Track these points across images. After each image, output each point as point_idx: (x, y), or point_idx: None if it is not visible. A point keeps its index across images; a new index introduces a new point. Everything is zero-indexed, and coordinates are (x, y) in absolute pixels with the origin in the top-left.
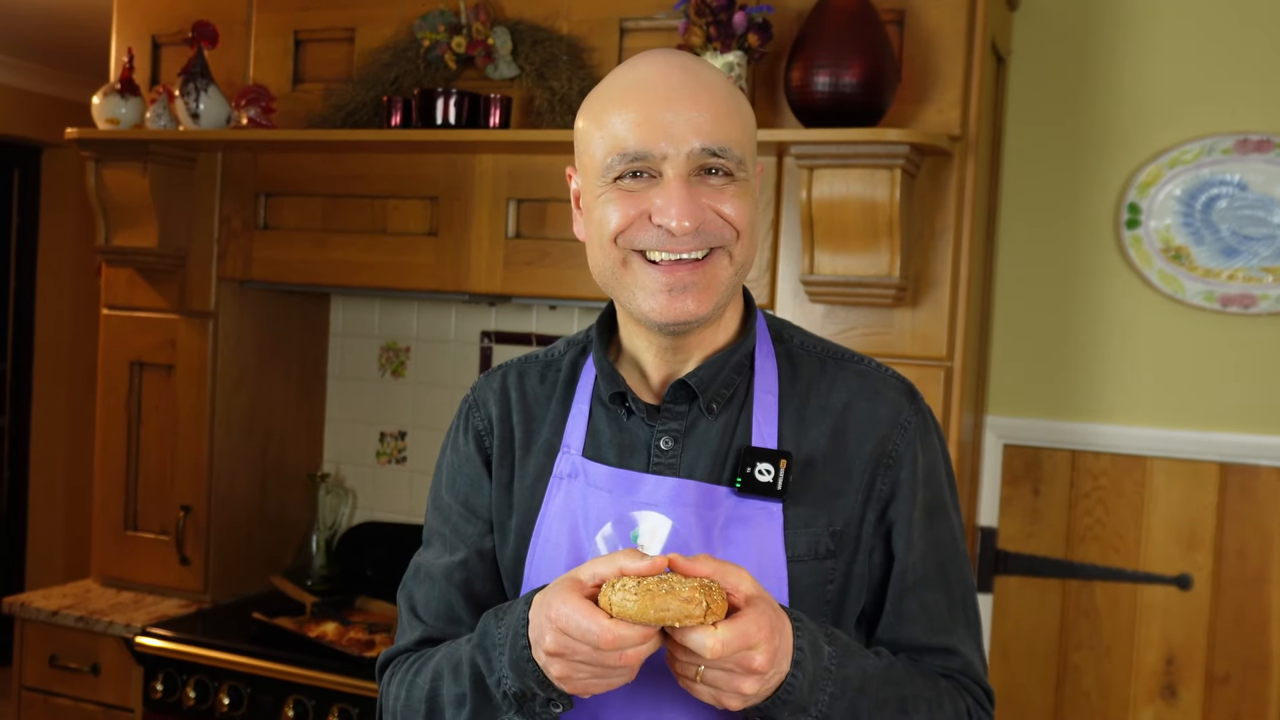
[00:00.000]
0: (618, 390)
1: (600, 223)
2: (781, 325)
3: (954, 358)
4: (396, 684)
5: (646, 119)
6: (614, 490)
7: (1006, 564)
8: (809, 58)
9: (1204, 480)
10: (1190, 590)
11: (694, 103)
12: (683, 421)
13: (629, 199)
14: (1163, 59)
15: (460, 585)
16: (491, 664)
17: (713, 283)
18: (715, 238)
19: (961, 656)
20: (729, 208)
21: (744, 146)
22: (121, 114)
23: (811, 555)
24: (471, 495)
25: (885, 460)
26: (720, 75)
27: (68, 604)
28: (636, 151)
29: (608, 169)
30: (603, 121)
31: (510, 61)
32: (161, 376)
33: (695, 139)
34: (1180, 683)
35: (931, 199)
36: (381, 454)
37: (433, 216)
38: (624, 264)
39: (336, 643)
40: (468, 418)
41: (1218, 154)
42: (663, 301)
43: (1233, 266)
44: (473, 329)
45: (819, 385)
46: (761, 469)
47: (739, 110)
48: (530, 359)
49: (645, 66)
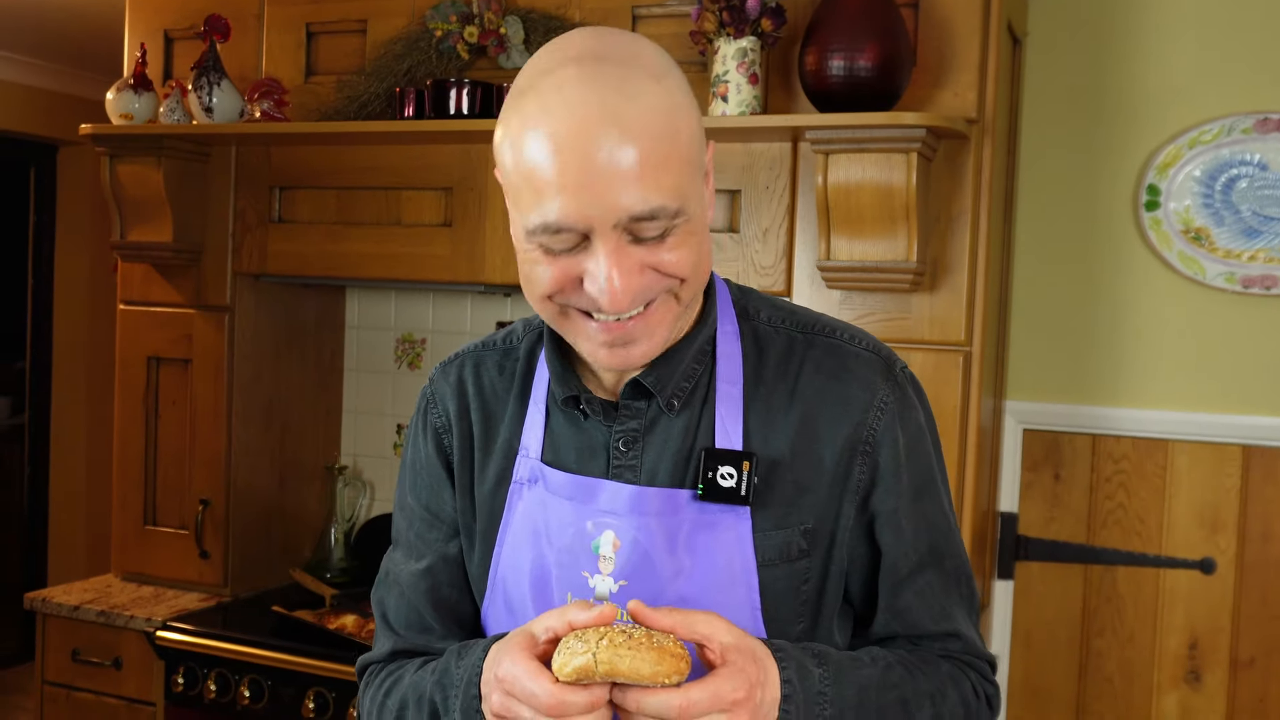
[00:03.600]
0: (571, 394)
1: (529, 279)
2: (747, 299)
3: (973, 342)
4: (370, 699)
5: (566, 186)
6: (574, 498)
7: (1028, 550)
8: (823, 42)
9: (1226, 463)
10: (1214, 574)
11: (619, 161)
12: (641, 420)
13: (557, 262)
14: (1181, 38)
15: (427, 593)
16: (448, 703)
17: (659, 327)
18: (654, 291)
19: (961, 638)
20: (668, 256)
21: (682, 188)
22: (135, 109)
23: (784, 558)
24: (433, 500)
25: (862, 447)
26: (651, 93)
27: (89, 599)
28: (558, 224)
29: (530, 232)
30: (519, 165)
31: (522, 50)
32: (179, 371)
33: (625, 207)
34: (1204, 668)
35: (948, 183)
36: (399, 446)
37: (447, 207)
38: (562, 314)
39: (356, 635)
40: (425, 414)
41: (1237, 134)
42: (605, 354)
43: (1254, 247)
44: (488, 320)
45: (788, 368)
46: (724, 473)
47: (674, 145)
48: (488, 345)
49: (561, 105)
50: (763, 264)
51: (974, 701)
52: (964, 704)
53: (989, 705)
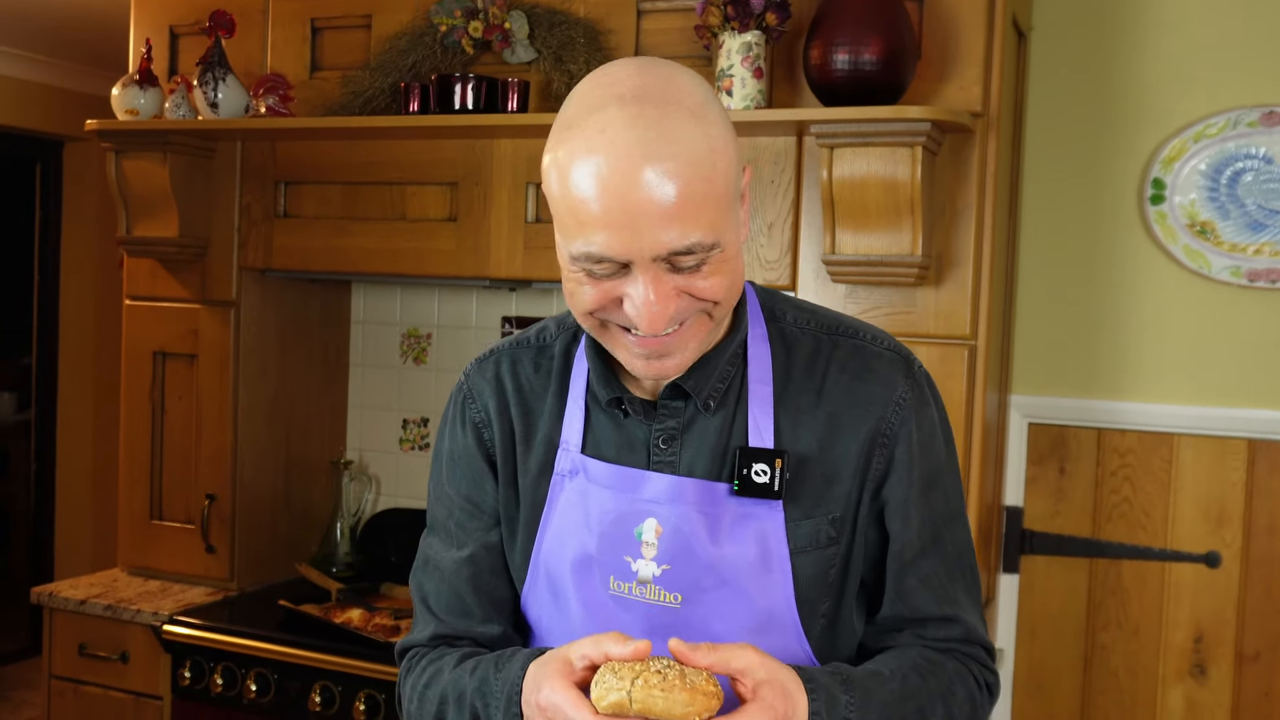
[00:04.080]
0: (614, 395)
1: (574, 295)
2: (774, 301)
3: (977, 336)
4: (410, 685)
5: (608, 223)
6: (615, 487)
7: (1033, 543)
8: (828, 36)
9: (1232, 457)
10: (1219, 568)
11: (658, 200)
12: (680, 419)
13: (598, 285)
14: (1186, 31)
15: (469, 580)
16: (489, 711)
17: (692, 341)
18: (689, 313)
19: (962, 623)
20: (703, 283)
21: (718, 223)
22: (140, 105)
23: (814, 545)
24: (474, 491)
25: (880, 440)
26: (689, 132)
27: (95, 593)
28: (600, 255)
29: (574, 258)
30: (564, 196)
31: (527, 45)
32: (184, 366)
33: (663, 243)
34: (1210, 661)
35: (953, 177)
36: (404, 440)
37: (452, 202)
38: (603, 327)
39: (362, 629)
40: (464, 409)
41: (1243, 127)
42: (641, 365)
43: (1259, 241)
44: (493, 314)
45: (814, 367)
46: (757, 470)
47: (711, 182)
48: (521, 344)
49: (604, 147)
50: (768, 258)
51: (978, 694)
52: (970, 699)
53: (990, 693)
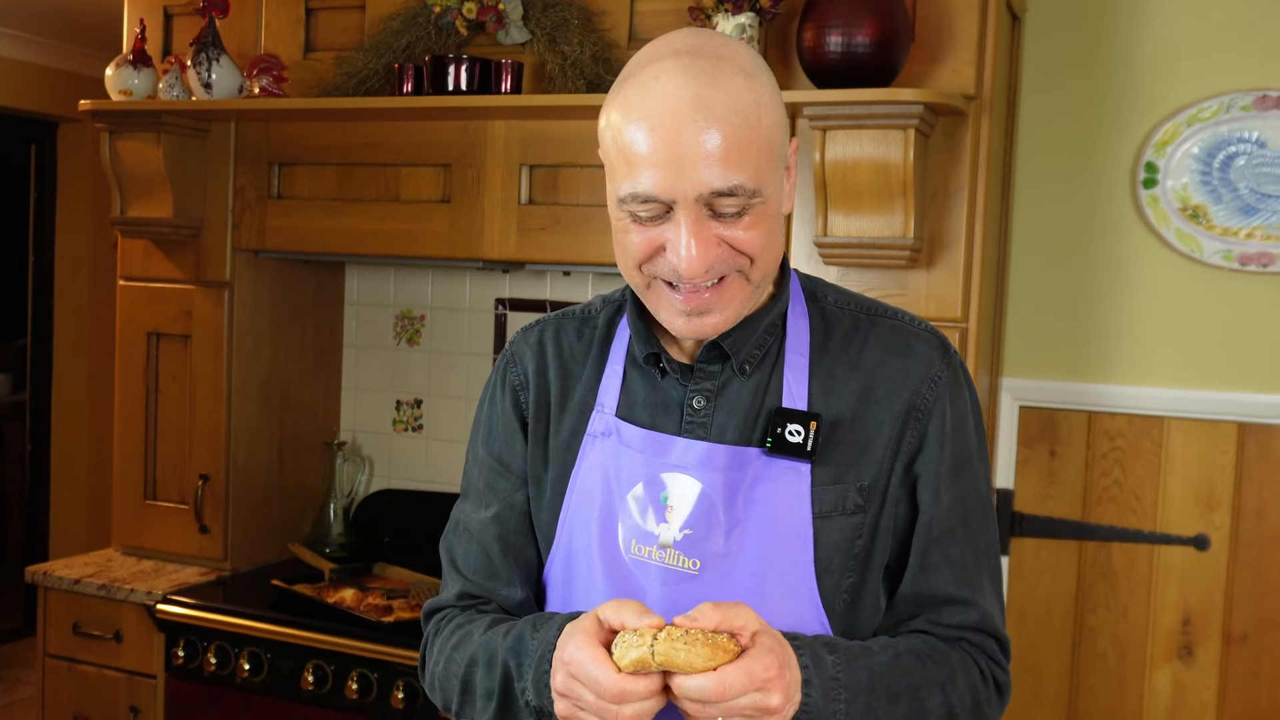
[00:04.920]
0: (652, 351)
1: (623, 246)
2: (815, 284)
3: (969, 319)
4: (438, 647)
5: (655, 161)
6: (645, 451)
7: (1023, 526)
8: (821, 18)
9: (1222, 440)
10: (1207, 551)
11: (705, 141)
12: (715, 381)
13: (644, 230)
14: (1180, 15)
15: (496, 539)
16: (521, 670)
17: (731, 301)
18: (727, 266)
19: (980, 608)
20: (742, 234)
21: (761, 171)
22: (134, 85)
23: (839, 510)
24: (505, 451)
25: (915, 414)
26: (739, 86)
27: (89, 573)
28: (647, 194)
29: (621, 200)
30: (616, 143)
31: (521, 26)
32: (178, 346)
33: (706, 182)
34: (1197, 643)
35: (946, 159)
36: (398, 422)
37: (445, 184)
38: (649, 287)
39: (355, 608)
40: (504, 373)
41: (1236, 111)
42: (683, 322)
43: (1251, 225)
44: (487, 296)
45: (852, 343)
46: (792, 429)
47: (756, 132)
48: (568, 315)
49: (657, 93)
50: None
51: (983, 689)
52: (972, 691)
53: (998, 690)
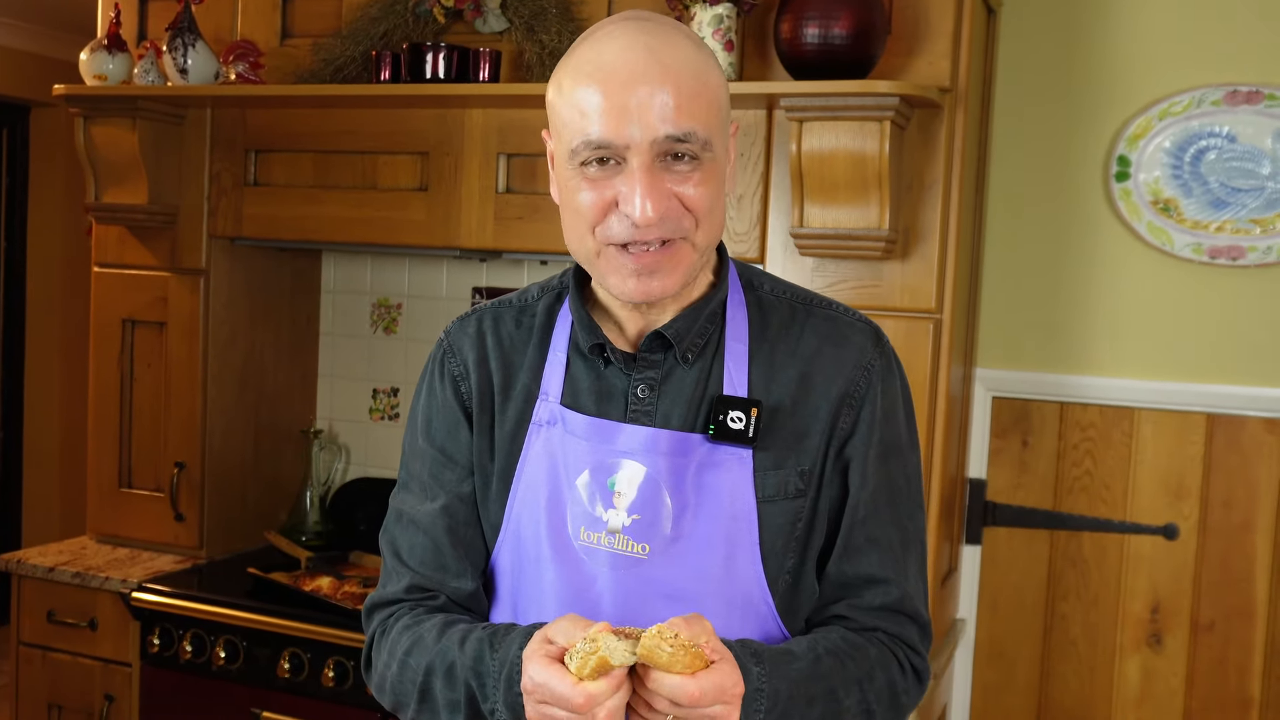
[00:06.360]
0: (597, 341)
1: (575, 208)
2: (752, 274)
3: (943, 310)
4: (387, 649)
5: (610, 108)
6: (591, 438)
7: (995, 515)
8: (799, 9)
9: (1191, 431)
10: (1176, 540)
11: (658, 88)
12: (659, 370)
13: (595, 187)
14: (1153, 10)
15: (445, 531)
16: (485, 692)
17: (678, 266)
18: (675, 228)
19: (901, 588)
20: (691, 191)
21: (710, 125)
22: (109, 70)
23: (781, 495)
24: (448, 442)
25: (849, 400)
26: (689, 47)
27: (64, 560)
28: (600, 140)
29: (574, 153)
30: (570, 101)
31: (499, 15)
32: (153, 334)
33: (659, 127)
34: (1166, 631)
35: (921, 151)
36: (374, 410)
37: (423, 172)
38: (599, 255)
39: (331, 596)
40: (443, 363)
41: (1207, 105)
42: (632, 285)
43: (1221, 218)
44: (464, 285)
45: (788, 332)
46: (733, 416)
47: (705, 87)
48: (504, 304)
49: (611, 47)
50: (737, 231)
51: (901, 680)
52: (890, 686)
53: (918, 678)
